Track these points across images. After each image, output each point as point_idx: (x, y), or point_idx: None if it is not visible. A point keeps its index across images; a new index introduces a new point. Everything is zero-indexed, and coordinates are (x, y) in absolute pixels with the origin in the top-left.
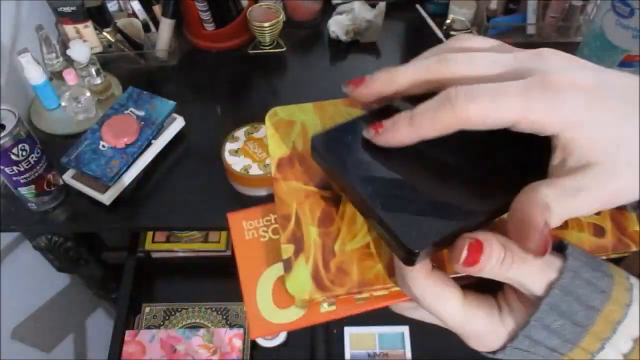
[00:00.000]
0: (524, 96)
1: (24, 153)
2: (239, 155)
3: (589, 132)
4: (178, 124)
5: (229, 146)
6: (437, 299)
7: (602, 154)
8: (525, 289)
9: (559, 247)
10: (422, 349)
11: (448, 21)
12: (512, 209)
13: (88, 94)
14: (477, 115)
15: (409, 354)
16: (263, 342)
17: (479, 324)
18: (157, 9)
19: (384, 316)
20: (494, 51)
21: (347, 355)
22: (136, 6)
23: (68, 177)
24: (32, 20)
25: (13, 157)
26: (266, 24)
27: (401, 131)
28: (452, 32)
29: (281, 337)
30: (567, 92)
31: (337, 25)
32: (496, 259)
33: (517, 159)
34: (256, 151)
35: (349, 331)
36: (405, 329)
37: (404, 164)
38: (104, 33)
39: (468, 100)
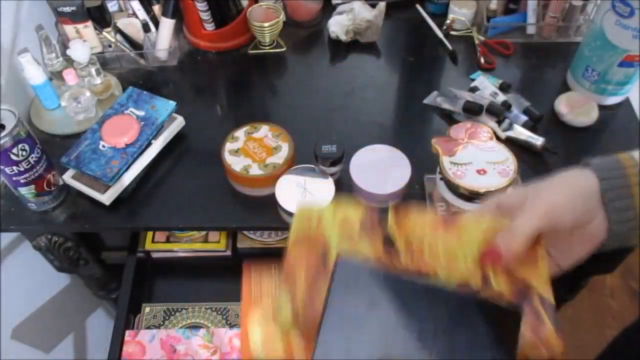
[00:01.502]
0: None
1: (24, 153)
2: (239, 155)
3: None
4: (178, 124)
5: (229, 146)
6: None
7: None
8: None
9: None
10: None
11: (448, 21)
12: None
13: (88, 94)
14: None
15: None
16: None
17: None
18: (157, 9)
19: None
20: None
21: None
22: (136, 6)
23: (68, 177)
24: (32, 20)
25: (13, 157)
26: (266, 24)
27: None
28: (452, 32)
29: None
30: None
31: (337, 25)
32: None
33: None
34: (256, 151)
35: None
36: None
37: (381, 345)
38: (104, 33)
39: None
